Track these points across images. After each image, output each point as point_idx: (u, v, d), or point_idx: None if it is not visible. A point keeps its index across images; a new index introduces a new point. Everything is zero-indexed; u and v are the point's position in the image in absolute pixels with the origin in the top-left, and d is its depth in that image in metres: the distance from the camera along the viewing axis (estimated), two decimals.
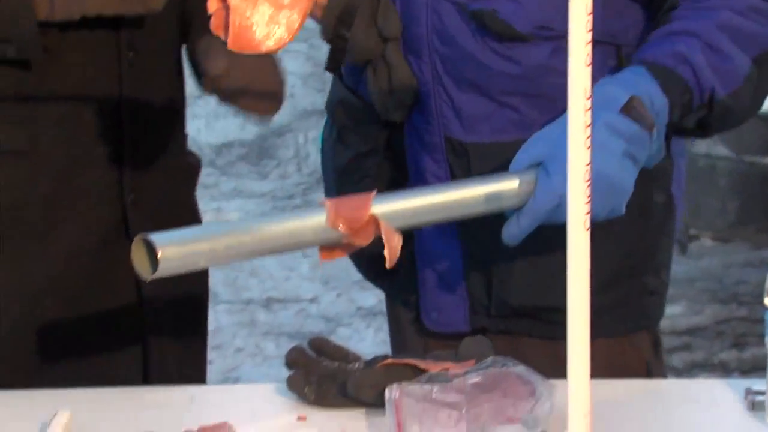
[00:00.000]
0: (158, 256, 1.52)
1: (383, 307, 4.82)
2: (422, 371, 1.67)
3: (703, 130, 1.84)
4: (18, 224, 2.09)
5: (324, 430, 1.65)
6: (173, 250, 1.54)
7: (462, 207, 1.73)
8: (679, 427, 1.64)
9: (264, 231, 1.62)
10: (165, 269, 1.53)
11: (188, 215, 2.27)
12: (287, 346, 2.08)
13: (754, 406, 1.67)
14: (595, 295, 1.91)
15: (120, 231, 2.14)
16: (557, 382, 1.57)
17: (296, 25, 1.51)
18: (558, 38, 1.83)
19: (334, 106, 2.07)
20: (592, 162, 1.68)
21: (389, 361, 1.71)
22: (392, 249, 1.64)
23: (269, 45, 1.52)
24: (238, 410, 1.72)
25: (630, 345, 2.00)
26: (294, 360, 1.75)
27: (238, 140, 5.89)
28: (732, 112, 1.82)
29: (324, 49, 1.91)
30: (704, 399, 1.72)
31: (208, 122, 5.93)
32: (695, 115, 1.79)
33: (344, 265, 5.26)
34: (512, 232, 1.71)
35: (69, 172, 2.10)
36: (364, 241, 1.65)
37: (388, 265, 1.65)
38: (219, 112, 5.73)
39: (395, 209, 1.67)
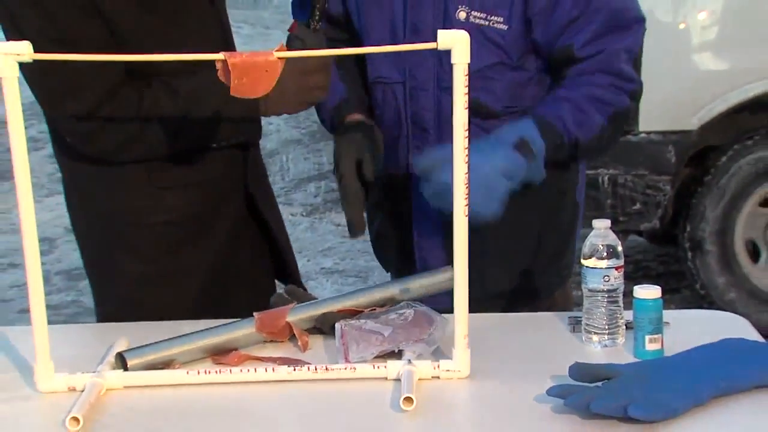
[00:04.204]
0: (128, 365, 1.54)
1: (338, 267, 4.80)
2: (359, 312, 1.66)
3: (572, 160, 1.88)
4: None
5: (295, 348, 1.64)
6: (138, 362, 1.54)
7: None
8: (527, 344, 1.64)
9: (207, 339, 1.59)
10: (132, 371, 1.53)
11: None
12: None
13: (575, 329, 1.68)
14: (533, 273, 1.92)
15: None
16: (449, 316, 1.56)
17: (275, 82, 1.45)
18: (520, 113, 1.83)
19: None
20: (482, 177, 1.66)
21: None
22: (303, 342, 1.63)
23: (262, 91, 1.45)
24: None
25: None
26: (276, 302, 1.73)
27: None
28: (590, 150, 1.85)
29: None
30: (543, 325, 1.72)
31: None
32: (565, 151, 1.80)
33: (314, 239, 5.23)
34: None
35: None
36: (282, 338, 1.64)
37: (302, 350, 1.61)
38: None
39: (302, 317, 1.65)
